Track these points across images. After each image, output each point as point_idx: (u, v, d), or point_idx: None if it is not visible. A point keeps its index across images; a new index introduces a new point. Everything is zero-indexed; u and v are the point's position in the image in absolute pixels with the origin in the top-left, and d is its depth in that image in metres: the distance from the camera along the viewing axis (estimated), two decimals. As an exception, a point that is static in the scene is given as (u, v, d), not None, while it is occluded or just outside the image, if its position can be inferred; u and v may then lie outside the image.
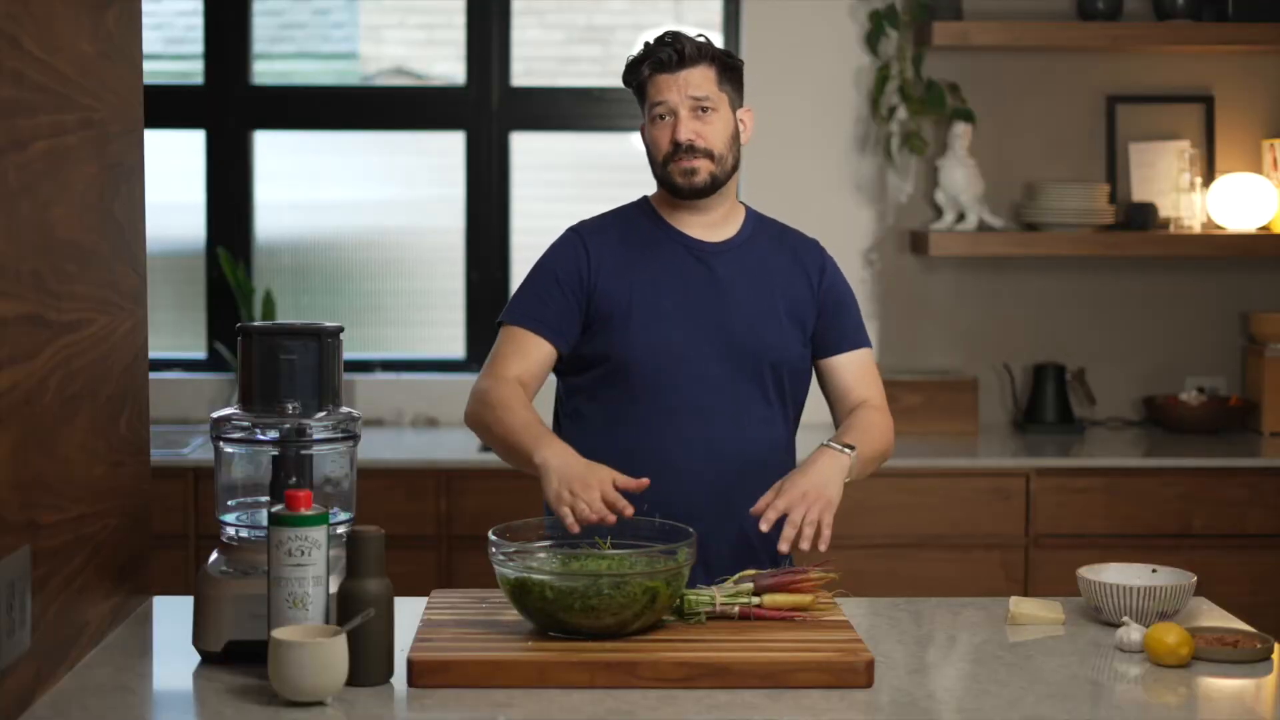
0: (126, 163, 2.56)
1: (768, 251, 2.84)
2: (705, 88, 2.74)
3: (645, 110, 2.79)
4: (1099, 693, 2.26)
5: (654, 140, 2.78)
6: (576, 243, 2.82)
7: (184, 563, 4.13)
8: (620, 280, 2.78)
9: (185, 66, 4.94)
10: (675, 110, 2.74)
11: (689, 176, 2.75)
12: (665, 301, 2.77)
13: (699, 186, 2.75)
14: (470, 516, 4.18)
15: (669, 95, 2.74)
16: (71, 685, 2.22)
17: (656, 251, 2.80)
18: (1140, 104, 4.72)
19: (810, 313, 2.83)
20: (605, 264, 2.79)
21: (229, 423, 2.39)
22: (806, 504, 2.54)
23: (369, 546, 2.22)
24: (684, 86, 2.73)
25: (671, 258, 2.80)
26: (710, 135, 2.74)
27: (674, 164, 2.75)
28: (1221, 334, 4.78)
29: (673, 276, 2.78)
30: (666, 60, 2.73)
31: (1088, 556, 3.18)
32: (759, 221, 2.89)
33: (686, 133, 2.73)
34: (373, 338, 4.91)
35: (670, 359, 2.74)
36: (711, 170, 2.75)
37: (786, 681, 2.21)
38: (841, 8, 4.66)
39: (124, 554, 2.54)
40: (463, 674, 2.21)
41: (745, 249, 2.82)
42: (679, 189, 2.76)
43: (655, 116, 2.76)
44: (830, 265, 2.89)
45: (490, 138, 4.82)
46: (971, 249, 4.55)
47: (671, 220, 2.83)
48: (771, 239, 2.87)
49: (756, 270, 2.81)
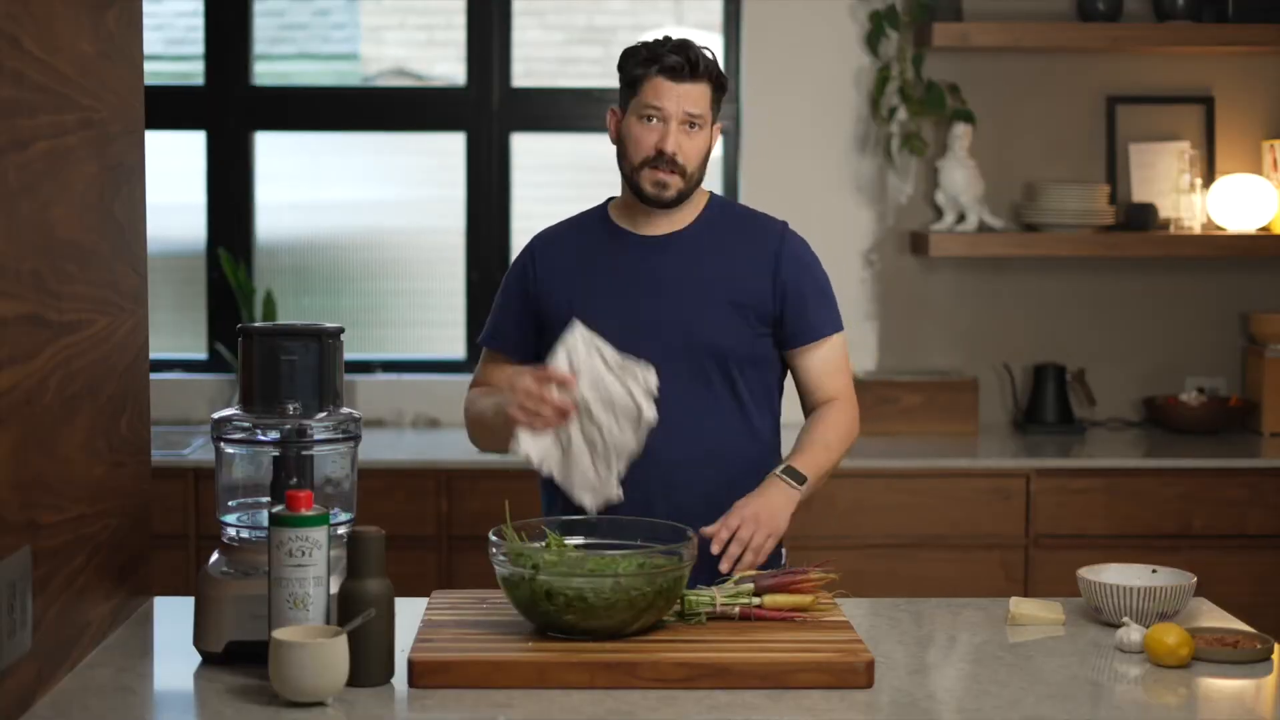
0: (127, 163, 2.57)
1: (720, 239, 2.83)
2: (701, 105, 2.75)
3: (630, 105, 2.78)
4: (1099, 693, 2.26)
5: (634, 138, 2.76)
6: (526, 257, 2.91)
7: (184, 563, 4.13)
8: (564, 289, 2.82)
9: (186, 67, 4.94)
10: (667, 119, 2.74)
11: (660, 189, 2.76)
12: (602, 301, 2.79)
13: (666, 201, 2.78)
14: (470, 517, 4.18)
15: (667, 103, 2.73)
16: (72, 686, 2.22)
17: (602, 254, 2.84)
18: (1140, 105, 4.72)
19: (766, 300, 2.81)
20: (553, 274, 2.84)
21: (230, 423, 2.39)
22: (755, 526, 2.62)
23: (369, 547, 2.22)
24: (683, 99, 2.73)
25: (614, 256, 2.82)
26: (691, 152, 2.76)
27: (649, 170, 2.75)
28: (1221, 334, 4.78)
29: (612, 276, 2.81)
30: (676, 69, 2.72)
31: (1088, 557, 3.18)
32: (720, 209, 2.88)
33: (673, 145, 2.73)
34: (373, 338, 4.91)
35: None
36: (681, 187, 2.77)
37: (786, 682, 2.22)
38: (841, 8, 4.66)
39: (124, 554, 2.54)
40: (463, 674, 2.21)
41: (692, 239, 2.82)
42: (647, 198, 2.78)
43: (644, 117, 2.75)
44: (789, 250, 2.84)
45: (490, 138, 4.82)
46: (971, 250, 4.55)
47: (624, 222, 2.85)
48: (727, 226, 2.85)
49: (700, 260, 2.81)
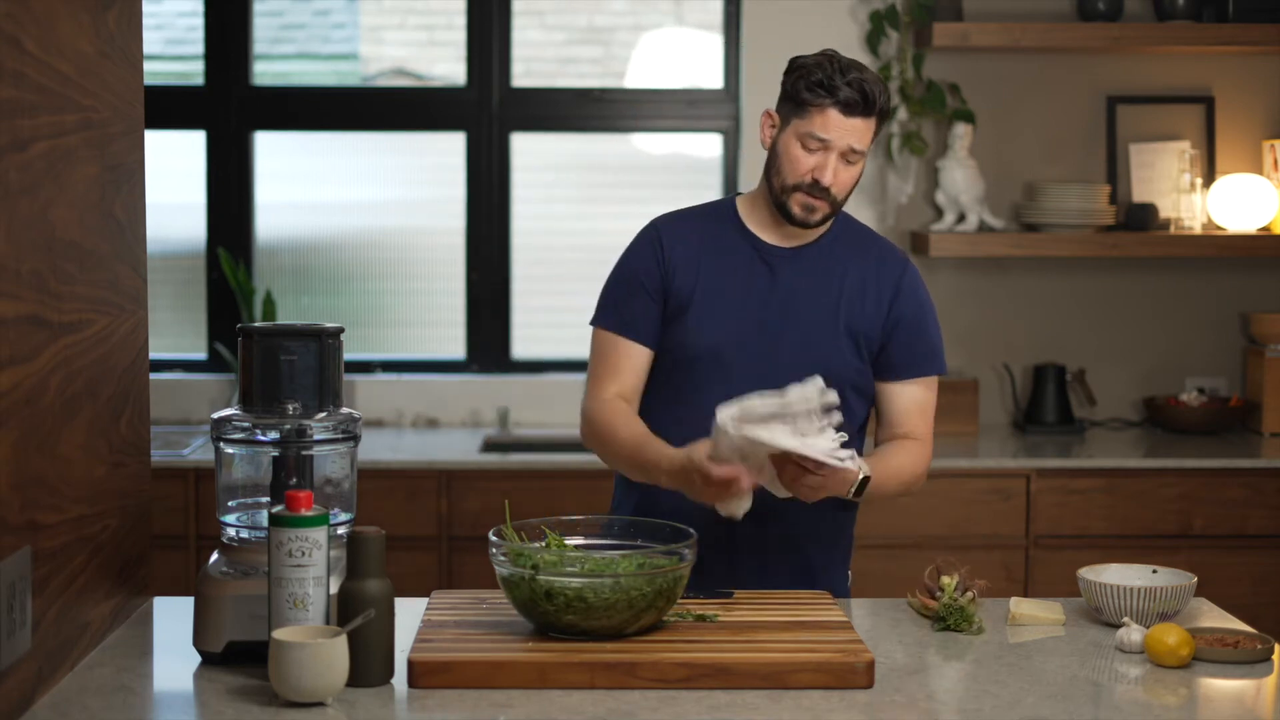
0: (127, 163, 2.57)
1: (843, 261, 2.78)
2: (864, 141, 2.69)
3: (793, 124, 2.71)
4: (1099, 693, 2.26)
5: (793, 159, 2.70)
6: (654, 239, 2.81)
7: (184, 563, 4.14)
8: (687, 279, 2.77)
9: (185, 67, 4.94)
10: (830, 150, 2.68)
11: (808, 214, 2.71)
12: (722, 304, 2.75)
13: (812, 224, 2.73)
14: (470, 517, 4.18)
15: (832, 134, 2.67)
16: (72, 686, 2.22)
17: (727, 253, 2.79)
18: (1140, 105, 4.72)
19: (875, 330, 2.77)
20: (677, 261, 2.78)
21: (229, 423, 2.39)
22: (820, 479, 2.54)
23: (369, 547, 2.22)
24: (850, 134, 2.67)
25: (739, 259, 2.78)
26: (846, 183, 2.71)
27: (801, 194, 2.70)
28: (1222, 334, 4.78)
29: (735, 279, 2.76)
30: (851, 105, 2.66)
31: (1088, 557, 3.18)
32: (845, 226, 2.83)
33: (830, 177, 2.68)
34: (373, 338, 4.91)
35: (718, 363, 2.73)
36: (828, 213, 2.73)
37: (786, 682, 2.22)
38: (841, 8, 4.66)
39: (124, 554, 2.54)
40: (463, 674, 2.21)
41: (818, 256, 2.78)
42: (794, 219, 2.72)
43: (805, 141, 2.69)
44: (908, 283, 2.80)
45: (491, 138, 4.82)
46: (972, 249, 4.55)
47: (751, 224, 2.80)
48: (852, 247, 2.80)
49: (823, 280, 2.76)
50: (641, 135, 4.89)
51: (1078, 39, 4.50)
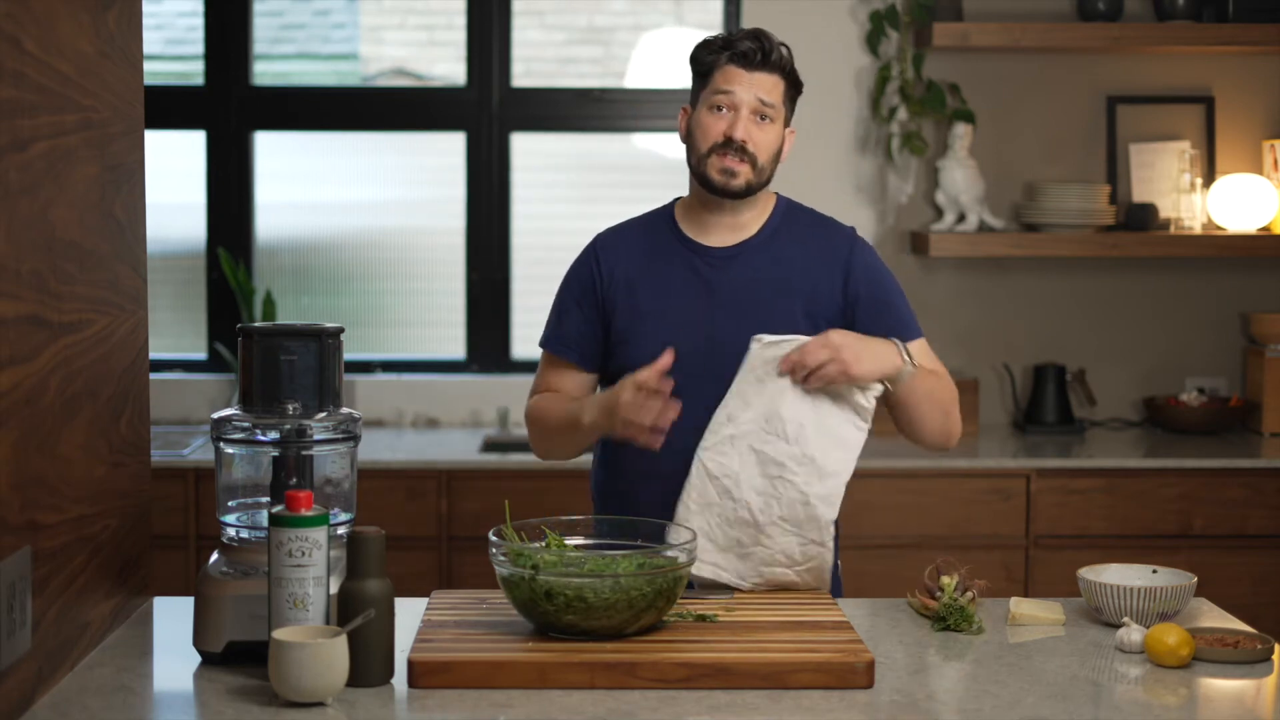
0: (127, 163, 2.57)
1: (786, 248, 2.77)
2: (773, 95, 2.71)
3: (700, 96, 2.74)
4: (1099, 693, 2.26)
5: (703, 127, 2.72)
6: (589, 256, 2.83)
7: (184, 563, 4.14)
8: (630, 297, 2.77)
9: (185, 67, 4.94)
10: (738, 106, 2.70)
11: (728, 177, 2.71)
12: (665, 327, 2.74)
13: (735, 190, 2.72)
14: (470, 517, 4.18)
15: (737, 88, 2.69)
16: (72, 685, 2.22)
17: (666, 263, 2.78)
18: (1140, 104, 4.72)
19: (834, 311, 2.75)
20: (617, 278, 2.79)
21: (229, 423, 2.39)
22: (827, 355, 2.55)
23: (369, 547, 2.22)
24: (755, 87, 2.70)
25: (679, 269, 2.77)
26: (761, 142, 2.71)
27: (718, 158, 2.70)
28: (1222, 334, 4.78)
29: (675, 289, 2.76)
30: (748, 55, 2.70)
31: (1088, 557, 3.18)
32: (787, 214, 2.82)
33: (742, 132, 2.69)
34: (373, 338, 4.91)
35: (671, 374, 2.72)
36: (750, 178, 2.71)
37: (786, 682, 2.22)
38: (841, 8, 4.66)
39: (124, 554, 2.54)
40: (463, 675, 2.21)
41: (759, 251, 2.77)
42: (714, 186, 2.72)
43: (714, 105, 2.71)
44: (859, 258, 2.78)
45: (491, 138, 4.82)
46: (972, 249, 4.55)
47: (690, 228, 2.79)
48: (796, 234, 2.79)
49: (769, 271, 2.75)
50: (641, 135, 4.89)
51: (1078, 39, 4.50)
